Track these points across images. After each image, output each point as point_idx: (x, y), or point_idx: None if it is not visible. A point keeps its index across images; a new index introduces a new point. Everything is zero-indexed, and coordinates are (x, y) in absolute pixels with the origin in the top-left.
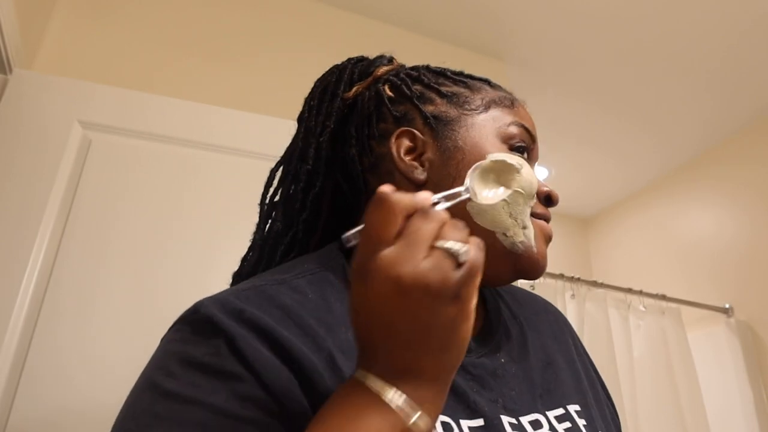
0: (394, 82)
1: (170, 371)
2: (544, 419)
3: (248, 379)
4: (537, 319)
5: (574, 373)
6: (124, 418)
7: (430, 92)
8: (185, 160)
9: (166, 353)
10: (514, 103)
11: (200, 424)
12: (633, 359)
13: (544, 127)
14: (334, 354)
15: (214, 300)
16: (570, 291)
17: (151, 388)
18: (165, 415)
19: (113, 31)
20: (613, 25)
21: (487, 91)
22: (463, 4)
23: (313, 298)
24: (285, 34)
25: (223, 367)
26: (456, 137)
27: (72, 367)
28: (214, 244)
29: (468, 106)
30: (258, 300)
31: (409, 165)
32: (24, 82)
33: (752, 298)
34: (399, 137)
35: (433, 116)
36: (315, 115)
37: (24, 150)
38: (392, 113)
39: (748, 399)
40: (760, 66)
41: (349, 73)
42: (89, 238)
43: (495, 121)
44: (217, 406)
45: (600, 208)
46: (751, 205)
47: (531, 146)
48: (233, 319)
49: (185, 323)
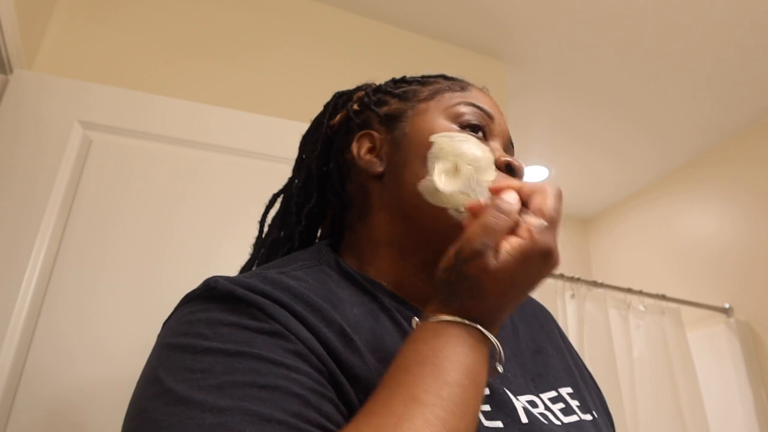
0: (360, 98)
1: (199, 333)
2: (539, 400)
3: (290, 337)
4: (523, 311)
5: (563, 360)
6: (155, 379)
7: (386, 96)
8: (185, 160)
9: (187, 323)
10: (466, 87)
11: (253, 371)
12: (633, 359)
13: (544, 127)
14: (344, 326)
15: (226, 279)
16: (570, 291)
17: (181, 348)
18: (210, 368)
19: (113, 32)
20: (613, 25)
21: (440, 82)
22: (463, 4)
23: (314, 283)
24: (285, 34)
25: (262, 327)
26: (404, 126)
27: (73, 365)
28: (213, 244)
29: (416, 97)
30: (265, 283)
31: (368, 161)
32: (24, 82)
33: (752, 298)
34: (359, 140)
35: (386, 115)
36: (306, 144)
37: (24, 150)
38: (356, 123)
39: (748, 399)
40: (760, 66)
41: (333, 104)
42: (89, 238)
43: (441, 104)
44: (266, 356)
45: (600, 208)
46: (751, 205)
47: (487, 123)
48: (254, 292)
49: (200, 300)
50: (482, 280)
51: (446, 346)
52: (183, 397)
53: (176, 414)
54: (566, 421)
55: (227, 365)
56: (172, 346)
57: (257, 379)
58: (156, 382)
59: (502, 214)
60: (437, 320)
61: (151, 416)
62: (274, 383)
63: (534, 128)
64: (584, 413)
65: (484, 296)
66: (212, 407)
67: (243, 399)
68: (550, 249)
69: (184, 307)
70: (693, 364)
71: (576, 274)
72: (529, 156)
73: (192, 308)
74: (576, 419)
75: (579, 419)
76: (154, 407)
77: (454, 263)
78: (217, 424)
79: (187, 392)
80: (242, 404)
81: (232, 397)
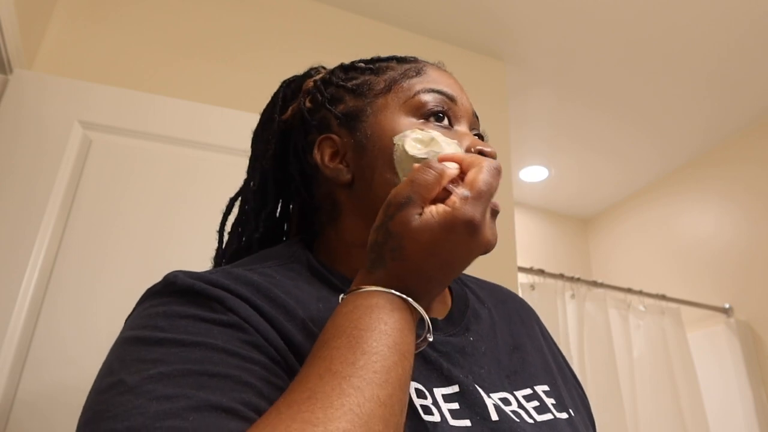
0: (311, 92)
1: (157, 326)
2: (513, 398)
3: (248, 329)
4: (504, 307)
5: (542, 357)
6: (108, 371)
7: (339, 91)
8: (185, 160)
9: (145, 317)
10: (422, 70)
11: (206, 360)
12: (633, 359)
13: (544, 127)
14: (306, 321)
15: (185, 273)
16: (570, 291)
17: (136, 341)
18: (163, 358)
19: (113, 32)
20: (613, 26)
21: (394, 68)
22: (463, 4)
23: (281, 279)
24: (285, 34)
25: (220, 318)
26: (365, 127)
27: (73, 365)
28: (213, 244)
29: (372, 92)
30: (228, 278)
31: (333, 169)
32: (24, 82)
33: (752, 298)
34: (320, 146)
35: (343, 115)
36: (258, 142)
37: (24, 150)
38: (313, 123)
39: (748, 399)
40: (760, 66)
41: (282, 96)
42: (89, 238)
43: (400, 96)
44: (221, 346)
45: (600, 209)
46: (751, 205)
47: (450, 107)
48: (214, 286)
49: (158, 295)
50: (404, 239)
51: (363, 316)
52: (132, 386)
53: (123, 404)
54: (539, 420)
55: (180, 355)
56: (129, 339)
57: (209, 368)
58: (109, 374)
59: (430, 170)
60: (359, 292)
61: (100, 407)
62: (225, 372)
63: (534, 128)
64: (559, 412)
65: (406, 258)
66: (159, 395)
67: (191, 387)
68: (472, 220)
69: (144, 302)
70: (693, 364)
71: (576, 274)
72: (529, 156)
73: (152, 302)
74: (550, 417)
75: (553, 417)
76: (104, 398)
77: (382, 220)
78: (161, 411)
79: (137, 381)
80: (189, 392)
81: (181, 385)
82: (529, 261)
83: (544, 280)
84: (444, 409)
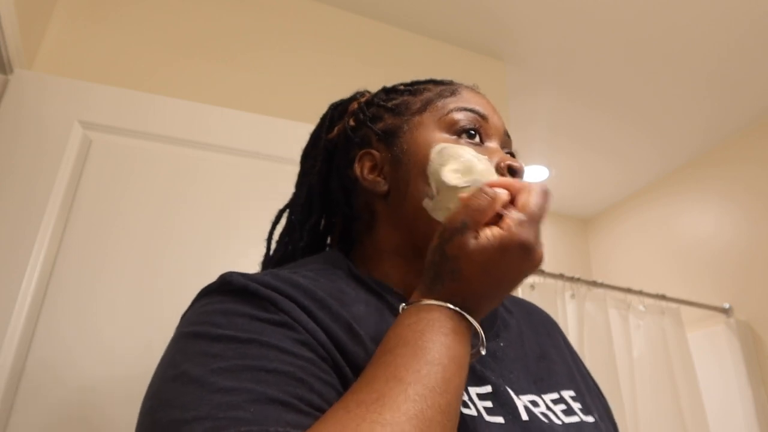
0: (355, 112)
1: (215, 322)
2: (541, 401)
3: (298, 328)
4: (530, 318)
5: (567, 366)
6: (173, 362)
7: (380, 111)
8: (185, 160)
9: (204, 313)
10: (456, 91)
11: (262, 357)
12: (633, 359)
13: (544, 127)
14: (350, 321)
15: (240, 275)
16: (570, 291)
17: (197, 336)
18: (222, 354)
19: (113, 32)
20: (613, 26)
21: (430, 90)
22: (463, 4)
23: (324, 282)
24: (285, 34)
25: (273, 318)
26: (402, 143)
27: (73, 364)
28: (213, 244)
29: (409, 111)
30: (277, 280)
31: (372, 181)
32: (24, 82)
33: (752, 298)
34: (360, 160)
35: (383, 132)
36: (307, 159)
37: (24, 150)
38: (355, 141)
39: (748, 399)
40: (760, 66)
41: (330, 117)
42: (89, 238)
43: (434, 114)
44: (275, 344)
45: (600, 209)
46: (751, 205)
47: (481, 125)
48: (266, 288)
49: (216, 293)
50: (461, 261)
51: (427, 328)
52: (195, 378)
53: (189, 393)
54: (567, 422)
55: (239, 351)
56: (190, 334)
57: (266, 364)
58: (172, 366)
59: (485, 196)
60: (421, 304)
61: (166, 396)
62: (281, 368)
63: (534, 128)
64: (586, 415)
65: (463, 279)
66: (221, 388)
67: (250, 381)
68: (527, 242)
69: (201, 300)
70: (693, 364)
71: (576, 274)
72: (529, 156)
73: (209, 300)
74: (577, 420)
75: (580, 420)
76: (170, 388)
77: (438, 243)
78: (224, 403)
79: (200, 374)
80: (248, 385)
81: (240, 379)
82: None
83: (544, 280)
84: (479, 406)
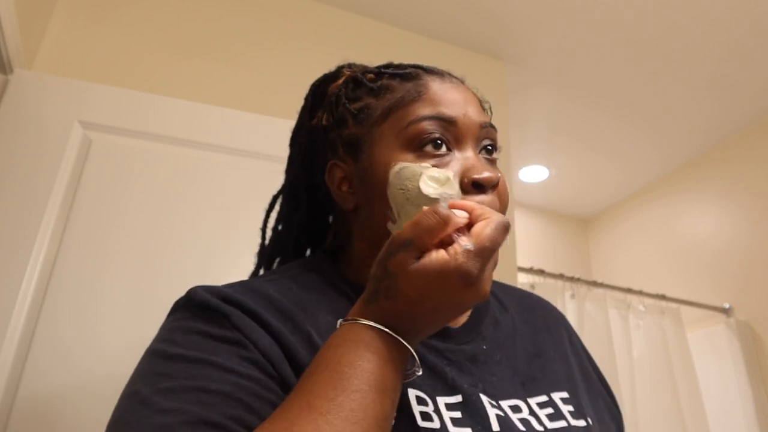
0: (330, 104)
1: (173, 340)
2: (525, 405)
3: (249, 346)
4: (530, 315)
5: (566, 365)
6: (133, 380)
7: (345, 114)
8: (185, 160)
9: (168, 330)
10: (422, 91)
11: (206, 377)
12: (633, 359)
13: (544, 127)
14: (311, 333)
15: (205, 288)
16: (570, 291)
17: (155, 354)
18: (171, 373)
19: (113, 32)
20: (613, 25)
21: (394, 89)
22: (463, 4)
23: (296, 290)
24: (285, 34)
25: (225, 335)
26: (365, 158)
27: (73, 365)
28: (213, 244)
29: (370, 120)
30: (243, 291)
31: (341, 196)
32: (24, 82)
33: (752, 298)
34: (330, 171)
35: (347, 143)
36: (293, 146)
37: (24, 150)
38: (327, 145)
39: (748, 399)
40: (760, 66)
41: (311, 102)
42: (89, 238)
43: (395, 126)
44: (221, 363)
45: (600, 209)
46: (751, 205)
47: (447, 130)
48: (224, 302)
49: (182, 309)
50: (399, 279)
51: (347, 352)
52: (143, 398)
53: (136, 413)
54: (550, 427)
55: (186, 371)
56: (151, 351)
57: (207, 384)
58: (131, 382)
59: (435, 215)
60: (352, 324)
61: (119, 412)
62: (221, 389)
63: (534, 128)
64: (576, 419)
65: (399, 298)
66: (161, 408)
67: (190, 402)
68: (469, 273)
69: (170, 315)
70: (693, 364)
71: (576, 274)
72: (529, 156)
73: (174, 317)
74: (563, 425)
75: (567, 425)
76: (123, 405)
77: (383, 256)
78: (161, 424)
79: (147, 393)
80: (187, 407)
81: (182, 400)
82: (529, 261)
83: (544, 280)
84: (446, 417)
